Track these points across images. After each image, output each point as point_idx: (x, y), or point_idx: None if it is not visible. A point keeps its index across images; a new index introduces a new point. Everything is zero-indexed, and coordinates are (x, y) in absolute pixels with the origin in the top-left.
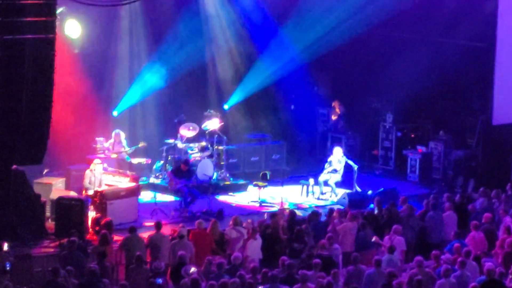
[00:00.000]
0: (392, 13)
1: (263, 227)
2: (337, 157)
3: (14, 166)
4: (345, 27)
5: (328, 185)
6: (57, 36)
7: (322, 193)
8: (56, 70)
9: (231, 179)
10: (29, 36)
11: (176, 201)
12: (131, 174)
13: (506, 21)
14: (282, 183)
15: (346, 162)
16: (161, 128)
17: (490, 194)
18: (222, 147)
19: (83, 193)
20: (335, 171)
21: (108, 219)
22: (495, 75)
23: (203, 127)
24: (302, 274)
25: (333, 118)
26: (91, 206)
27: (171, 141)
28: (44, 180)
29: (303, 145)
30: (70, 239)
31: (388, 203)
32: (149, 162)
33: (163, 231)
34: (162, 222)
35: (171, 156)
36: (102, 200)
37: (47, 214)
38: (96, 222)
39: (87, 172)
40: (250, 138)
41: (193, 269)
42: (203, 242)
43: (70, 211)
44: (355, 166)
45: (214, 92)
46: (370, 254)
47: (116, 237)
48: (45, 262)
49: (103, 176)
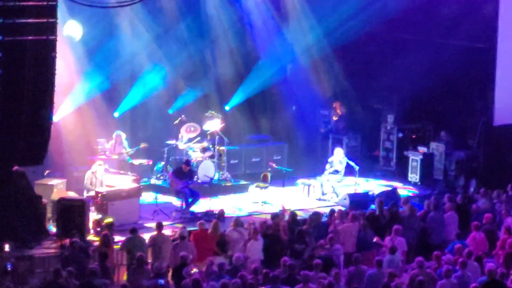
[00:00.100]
0: (393, 14)
1: (264, 228)
2: (338, 158)
3: (15, 167)
4: (346, 28)
5: (329, 186)
6: (58, 37)
7: (323, 194)
8: (57, 71)
9: (232, 180)
10: (30, 37)
11: (177, 202)
12: (132, 175)
13: (507, 21)
14: (283, 184)
15: (347, 163)
16: (162, 129)
17: (491, 195)
18: (223, 148)
19: (84, 194)
20: (336, 172)
21: (109, 220)
22: (496, 76)
23: (204, 128)
24: (303, 274)
25: (334, 119)
26: (92, 207)
27: (172, 142)
28: (45, 181)
29: (304, 146)
30: (71, 240)
31: (389, 204)
32: (150, 163)
33: (164, 232)
34: (163, 223)
35: (172, 157)
36: (104, 201)
37: (48, 215)
38: (97, 223)
39: (89, 173)
40: (251, 139)
41: (194, 270)
42: (205, 243)
43: (71, 212)
44: (356, 167)
45: (215, 93)
46: (371, 255)
47: (117, 238)
48: (46, 263)
49: (104, 177)
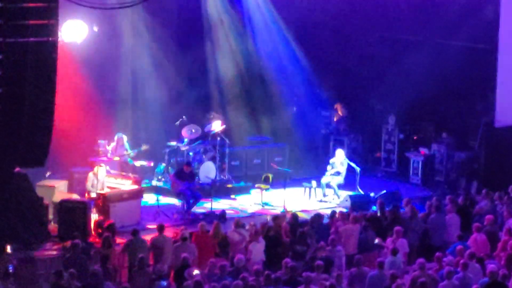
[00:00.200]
0: (394, 15)
1: (266, 230)
2: (339, 159)
3: (17, 169)
4: (347, 29)
5: (330, 187)
6: (59, 39)
7: (324, 195)
8: (58, 73)
9: (234, 182)
10: (31, 39)
11: (178, 203)
12: (134, 176)
13: (508, 22)
14: (284, 186)
15: (349, 165)
16: (163, 130)
17: (493, 196)
18: (224, 150)
19: (86, 195)
20: (338, 174)
21: (110, 222)
22: (498, 77)
23: (206, 130)
24: (305, 276)
25: (335, 120)
26: (94, 209)
27: (174, 143)
28: (46, 182)
29: (306, 147)
30: (73, 242)
31: (390, 205)
32: (151, 164)
33: (166, 234)
34: (165, 225)
35: (174, 158)
36: (105, 202)
37: (50, 216)
38: (98, 224)
39: (90, 175)
40: (253, 141)
41: (196, 271)
42: (206, 244)
43: (72, 214)
44: (358, 169)
45: (216, 94)
46: (373, 256)
47: (118, 239)
48: (48, 264)
49: (106, 178)
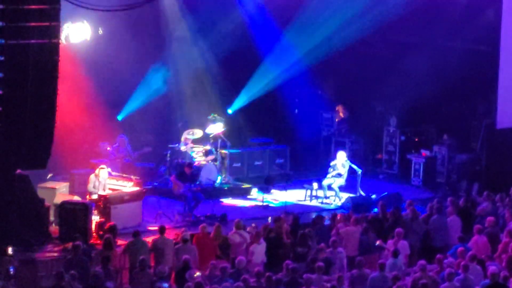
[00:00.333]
0: (395, 17)
1: (267, 231)
2: (340, 161)
3: (18, 171)
4: (349, 31)
5: (332, 189)
6: (61, 40)
7: (326, 197)
8: (60, 74)
9: (235, 183)
10: (33, 41)
11: (180, 205)
12: (135, 178)
13: (510, 24)
14: (285, 188)
15: (350, 166)
16: (165, 132)
17: (494, 198)
18: (225, 151)
19: (87, 197)
20: (339, 175)
21: (112, 224)
22: (499, 79)
23: (207, 131)
24: (306, 277)
25: (337, 122)
26: (95, 211)
27: (175, 145)
28: (48, 184)
29: (307, 149)
30: (74, 244)
31: (391, 207)
32: (153, 166)
33: (167, 235)
34: (166, 226)
35: (175, 160)
36: (106, 204)
37: (51, 218)
38: (100, 226)
39: (92, 176)
40: (254, 143)
41: (197, 273)
42: (207, 246)
43: (74, 216)
44: (359, 170)
45: (218, 96)
46: (374, 258)
47: (120, 241)
48: (49, 266)
49: (107, 180)
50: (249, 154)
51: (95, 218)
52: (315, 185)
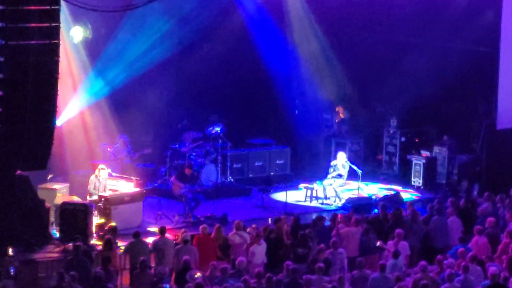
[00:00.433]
0: (396, 17)
1: (267, 232)
2: (341, 162)
3: (19, 172)
4: (349, 32)
5: (332, 190)
6: (61, 41)
7: (326, 198)
8: (60, 75)
9: (235, 184)
10: (33, 41)
11: (180, 206)
12: (136, 179)
13: (510, 25)
14: (286, 188)
15: (350, 167)
16: (165, 133)
17: (495, 199)
18: (226, 152)
19: (88, 198)
20: (339, 176)
21: (112, 224)
22: (499, 79)
23: (207, 132)
24: (306, 278)
25: (337, 122)
26: (96, 211)
27: (175, 146)
28: (48, 185)
29: (307, 150)
30: (75, 244)
31: (392, 208)
32: (153, 167)
33: (167, 236)
34: (166, 227)
35: (175, 161)
36: (107, 205)
37: (52, 219)
38: (100, 227)
39: (92, 177)
40: (254, 143)
41: (198, 274)
42: (207, 247)
43: (74, 217)
44: (359, 171)
45: (219, 97)
46: (374, 259)
47: (120, 242)
48: (49, 267)
49: (108, 181)
50: (249, 154)
51: (96, 219)
52: (316, 185)
